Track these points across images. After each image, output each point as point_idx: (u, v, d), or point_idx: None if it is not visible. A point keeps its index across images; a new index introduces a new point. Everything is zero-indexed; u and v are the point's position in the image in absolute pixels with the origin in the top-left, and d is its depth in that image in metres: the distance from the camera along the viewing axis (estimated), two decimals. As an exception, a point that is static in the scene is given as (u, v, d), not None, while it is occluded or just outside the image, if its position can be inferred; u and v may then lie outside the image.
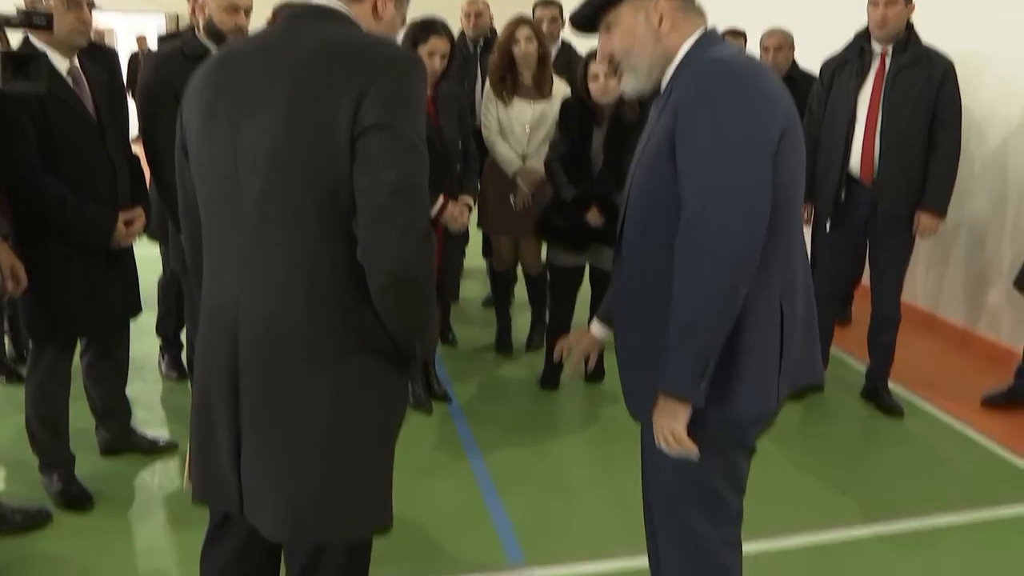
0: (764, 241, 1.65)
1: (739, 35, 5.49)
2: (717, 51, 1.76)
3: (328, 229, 1.61)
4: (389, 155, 1.54)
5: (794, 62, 5.04)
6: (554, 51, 4.98)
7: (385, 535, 1.82)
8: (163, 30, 12.36)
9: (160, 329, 4.29)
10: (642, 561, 2.79)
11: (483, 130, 4.47)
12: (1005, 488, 3.49)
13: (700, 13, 1.85)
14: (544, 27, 4.90)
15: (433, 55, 3.61)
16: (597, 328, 2.14)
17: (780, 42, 4.92)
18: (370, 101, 1.54)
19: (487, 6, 5.33)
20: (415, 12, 2.72)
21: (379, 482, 1.78)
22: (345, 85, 1.55)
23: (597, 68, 3.86)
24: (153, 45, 12.25)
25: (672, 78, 1.80)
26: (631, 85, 1.90)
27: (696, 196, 1.64)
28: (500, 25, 4.62)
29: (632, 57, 1.84)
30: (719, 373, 1.72)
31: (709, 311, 1.65)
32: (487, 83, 4.52)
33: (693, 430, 1.75)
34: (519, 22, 4.34)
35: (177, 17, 12.34)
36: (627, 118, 3.90)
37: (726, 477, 1.88)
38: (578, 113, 4.00)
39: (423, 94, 1.65)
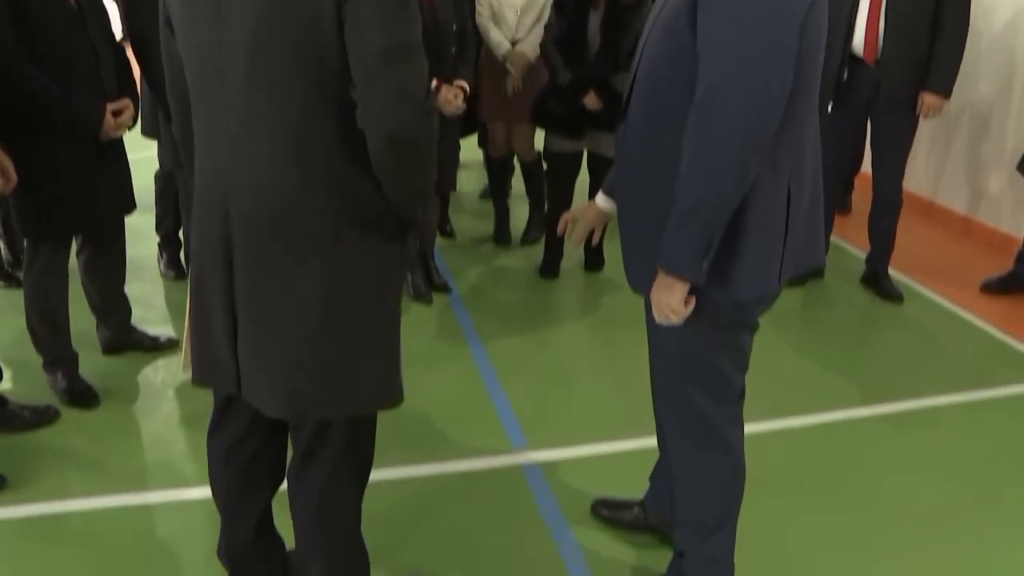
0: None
1: None
2: None
3: (316, 99, 1.57)
4: (378, 16, 1.49)
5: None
6: None
7: (395, 408, 1.82)
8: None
9: (159, 228, 4.25)
10: (643, 442, 2.87)
11: (476, 16, 4.35)
12: (1002, 370, 3.52)
13: None
14: None
15: None
16: (602, 201, 2.09)
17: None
18: None
19: None
20: None
21: (380, 356, 1.76)
22: None
23: None
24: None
25: None
26: None
27: (714, 68, 1.57)
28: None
29: None
30: (721, 252, 1.69)
31: (716, 189, 1.60)
32: None
33: (703, 309, 1.75)
34: None
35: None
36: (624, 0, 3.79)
37: (729, 355, 1.88)
38: None
39: None
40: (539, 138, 4.42)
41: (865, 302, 4.16)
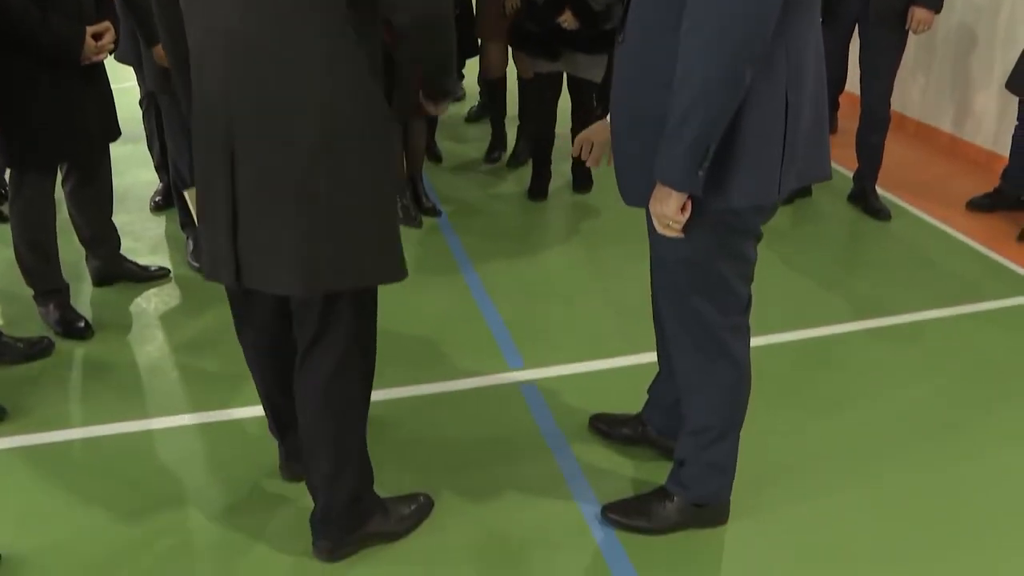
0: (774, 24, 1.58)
1: None
2: None
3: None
4: None
5: None
6: None
7: (399, 280, 1.91)
8: None
9: (152, 155, 4.18)
10: (638, 358, 2.92)
11: None
12: (988, 284, 3.57)
13: None
14: None
15: None
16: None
17: None
18: None
19: None
20: None
21: (382, 230, 1.85)
22: None
23: None
24: None
25: None
26: None
27: None
28: None
29: None
30: (717, 160, 1.68)
31: (710, 97, 1.59)
32: None
33: (696, 218, 1.75)
34: None
35: None
36: None
37: (732, 264, 1.88)
38: None
39: None
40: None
41: (853, 219, 4.19)
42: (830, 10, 3.86)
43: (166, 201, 4.15)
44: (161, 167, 4.14)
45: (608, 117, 2.07)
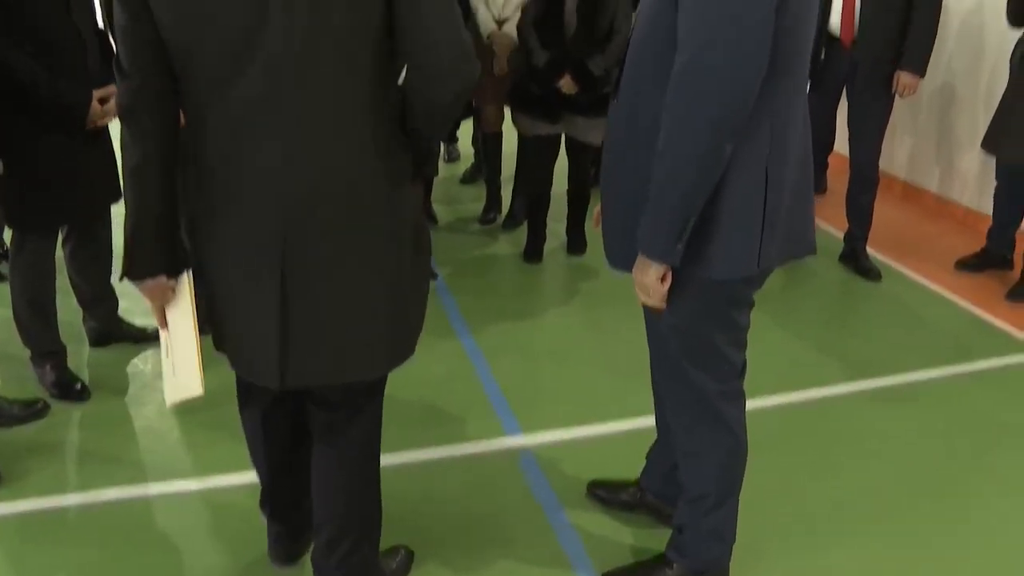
0: (756, 98, 1.61)
1: None
2: None
3: (370, 73, 1.61)
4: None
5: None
6: None
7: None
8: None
9: None
10: (636, 423, 2.92)
11: None
12: (979, 344, 3.61)
13: None
14: None
15: None
16: None
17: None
18: None
19: None
20: None
21: (421, 305, 1.90)
22: None
23: None
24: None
25: None
26: None
27: (689, 43, 1.58)
28: None
29: None
30: (696, 232, 1.71)
31: (690, 170, 1.62)
32: None
33: (686, 288, 1.78)
34: None
35: None
36: None
37: (723, 332, 1.91)
38: None
39: None
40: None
41: (844, 279, 4.23)
42: (818, 75, 3.96)
43: None
44: None
45: None
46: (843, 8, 3.86)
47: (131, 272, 1.74)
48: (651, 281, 1.74)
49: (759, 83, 1.59)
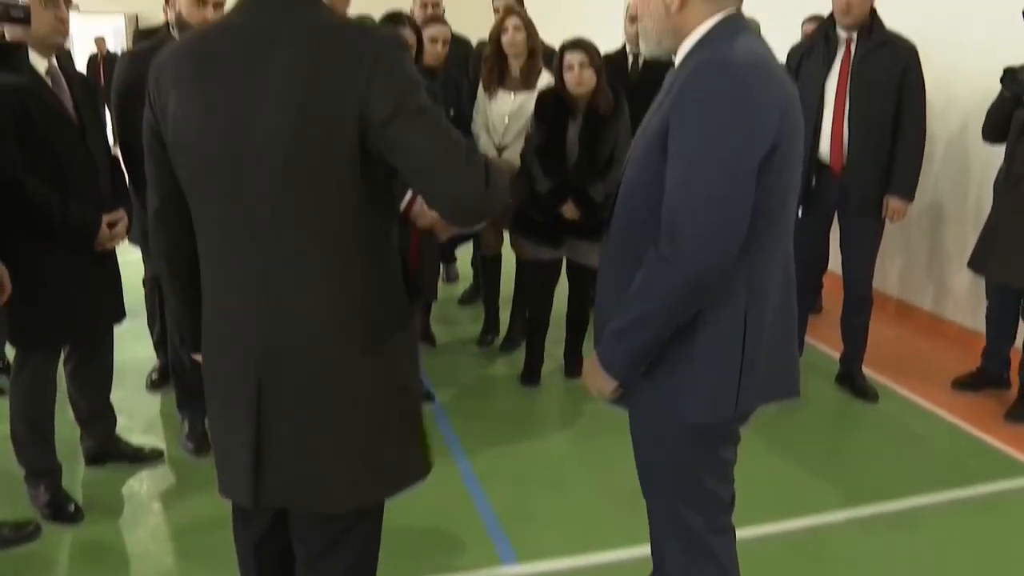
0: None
1: None
2: (727, 47, 1.71)
3: (345, 217, 1.63)
4: (423, 125, 1.57)
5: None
6: None
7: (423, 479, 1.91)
8: (122, 31, 12.22)
9: (152, 333, 4.25)
10: (632, 552, 2.88)
11: (472, 124, 4.52)
12: (979, 467, 3.59)
13: None
14: (428, 11, 4.89)
15: None
16: None
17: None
18: (381, 90, 1.54)
19: None
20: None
21: (409, 438, 1.87)
22: (349, 82, 1.54)
23: (572, 58, 3.88)
24: (112, 46, 12.13)
25: (680, 65, 1.79)
26: (643, 47, 1.92)
27: (671, 201, 1.66)
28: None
29: (644, 21, 1.87)
30: (674, 378, 1.77)
31: (661, 316, 1.71)
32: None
33: (668, 429, 1.83)
34: (508, 12, 4.38)
35: (136, 17, 12.20)
36: (602, 109, 3.94)
37: (709, 469, 1.92)
38: (553, 104, 4.01)
39: (411, 63, 1.65)
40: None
41: (840, 401, 4.23)
42: (809, 200, 4.06)
43: (162, 379, 4.19)
44: (160, 345, 4.21)
45: None
46: (832, 136, 3.99)
47: (187, 346, 1.98)
48: (603, 387, 1.83)
49: (737, 248, 1.66)
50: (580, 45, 3.90)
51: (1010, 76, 3.78)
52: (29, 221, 2.78)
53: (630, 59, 4.73)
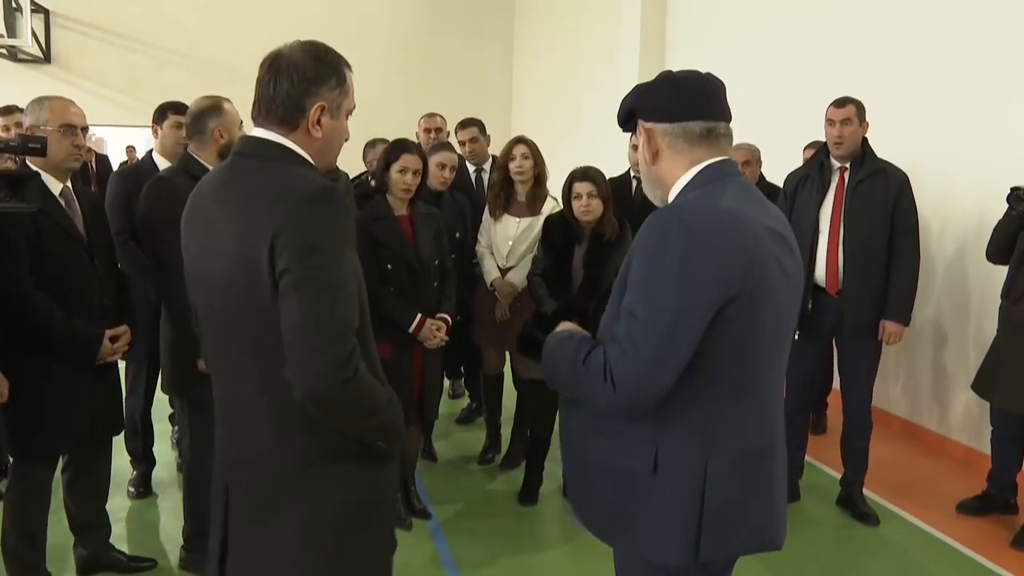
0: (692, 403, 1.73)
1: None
2: (691, 199, 1.77)
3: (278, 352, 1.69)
4: (296, 296, 1.63)
5: (761, 175, 5.23)
6: (485, 167, 5.30)
7: None
8: (152, 141, 12.66)
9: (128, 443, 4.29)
10: None
11: (477, 246, 4.65)
12: (983, 597, 3.51)
13: (702, 145, 1.82)
14: (466, 149, 5.21)
15: (405, 171, 3.72)
16: None
17: (747, 157, 5.05)
18: (281, 247, 1.64)
19: (444, 121, 5.57)
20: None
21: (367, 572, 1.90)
22: (263, 235, 1.65)
23: (580, 188, 4.02)
24: (140, 154, 12.55)
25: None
26: (648, 194, 1.98)
27: (613, 339, 1.73)
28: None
29: (640, 175, 1.96)
30: (634, 519, 1.81)
31: (580, 391, 1.83)
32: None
33: (640, 570, 1.87)
34: (516, 141, 4.55)
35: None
36: (607, 235, 4.05)
37: None
38: (560, 229, 4.14)
39: (332, 224, 1.69)
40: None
41: (841, 524, 4.16)
42: (807, 325, 4.08)
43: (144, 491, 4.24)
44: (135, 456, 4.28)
45: None
46: (827, 261, 4.06)
47: None
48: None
49: (661, 394, 1.69)
50: (588, 175, 4.05)
51: (1016, 195, 3.87)
52: (34, 335, 2.88)
53: (634, 184, 4.89)
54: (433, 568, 3.64)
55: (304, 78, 1.75)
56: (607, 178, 4.16)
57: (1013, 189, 3.89)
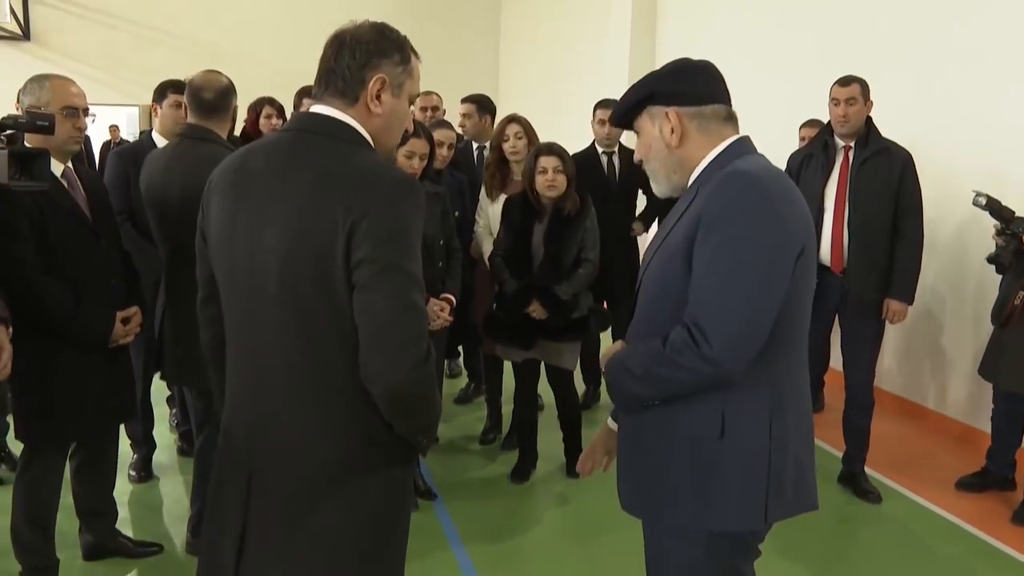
0: (757, 362, 1.71)
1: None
2: (744, 163, 1.79)
3: (336, 346, 1.65)
4: (382, 288, 1.59)
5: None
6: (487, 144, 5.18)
7: None
8: (135, 120, 12.51)
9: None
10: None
11: (475, 226, 4.62)
12: (986, 571, 3.55)
13: (727, 126, 1.88)
14: (465, 127, 5.16)
15: (412, 156, 3.67)
16: (612, 424, 2.15)
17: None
18: (363, 234, 1.58)
19: (440, 99, 5.51)
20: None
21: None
22: (339, 218, 1.59)
23: (546, 162, 3.98)
24: (124, 134, 12.39)
25: (696, 183, 1.84)
26: (655, 188, 1.98)
27: (696, 305, 1.70)
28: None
29: (650, 163, 1.94)
30: (704, 486, 1.78)
31: (671, 387, 1.76)
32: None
33: (692, 537, 1.82)
34: (509, 120, 4.50)
35: (148, 109, 12.48)
36: (567, 211, 4.03)
37: None
38: (520, 208, 4.10)
39: (415, 217, 1.66)
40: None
41: (843, 502, 4.19)
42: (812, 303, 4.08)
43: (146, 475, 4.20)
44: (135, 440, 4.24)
45: (608, 421, 2.18)
46: (832, 239, 4.07)
47: None
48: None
49: (753, 355, 1.69)
50: (554, 150, 4.02)
51: (977, 194, 3.87)
52: (44, 320, 2.83)
53: (604, 159, 4.95)
54: (436, 542, 3.65)
55: (366, 50, 1.70)
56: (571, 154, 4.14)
57: (975, 191, 3.89)
